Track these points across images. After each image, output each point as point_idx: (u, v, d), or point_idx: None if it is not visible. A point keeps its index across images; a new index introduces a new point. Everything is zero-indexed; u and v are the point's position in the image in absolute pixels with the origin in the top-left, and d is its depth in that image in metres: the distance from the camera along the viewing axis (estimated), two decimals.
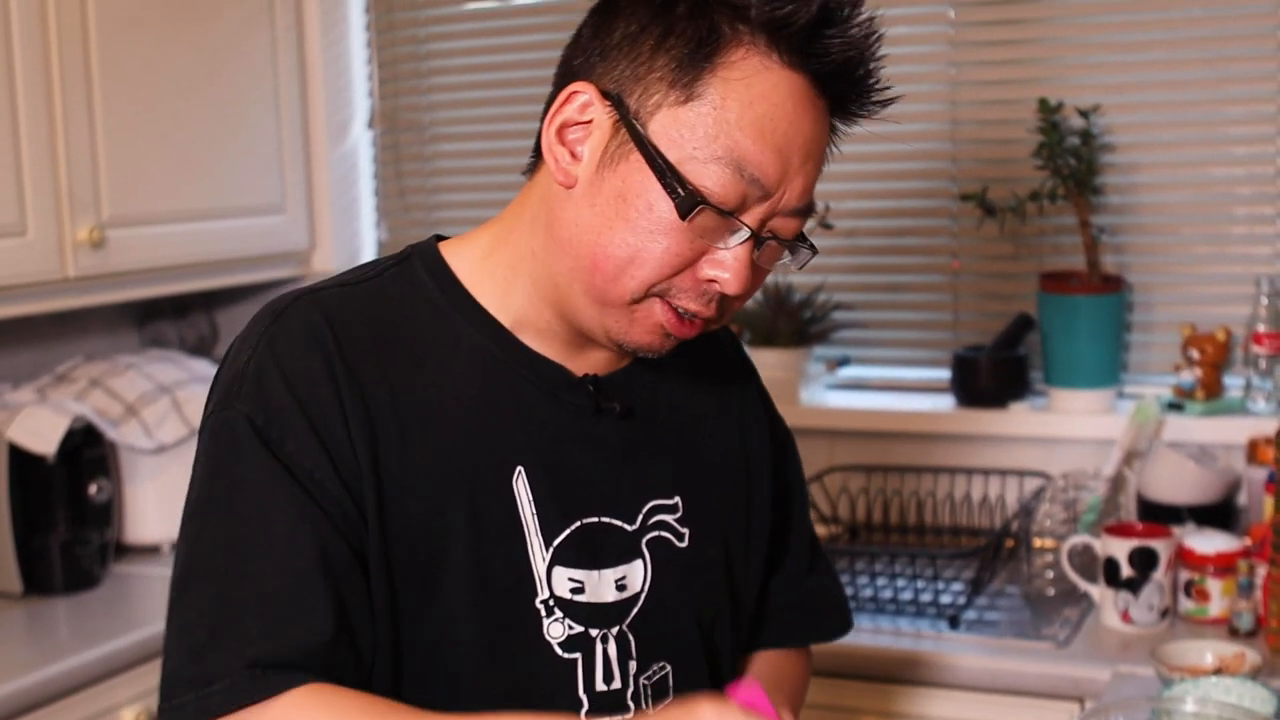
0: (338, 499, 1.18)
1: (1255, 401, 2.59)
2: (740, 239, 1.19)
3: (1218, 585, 2.22)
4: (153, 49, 2.71)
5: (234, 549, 1.16)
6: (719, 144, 1.16)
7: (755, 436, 1.47)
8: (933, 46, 2.84)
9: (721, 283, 1.20)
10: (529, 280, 1.26)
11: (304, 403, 1.18)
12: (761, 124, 1.16)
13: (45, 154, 2.48)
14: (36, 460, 2.51)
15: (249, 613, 1.14)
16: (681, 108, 1.16)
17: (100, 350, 3.05)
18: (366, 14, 3.31)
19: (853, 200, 2.90)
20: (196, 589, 1.17)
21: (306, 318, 1.22)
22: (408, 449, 1.21)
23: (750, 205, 1.19)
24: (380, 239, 3.36)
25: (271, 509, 1.16)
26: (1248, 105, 2.64)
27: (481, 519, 1.23)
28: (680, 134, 1.16)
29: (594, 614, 1.28)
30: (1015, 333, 2.78)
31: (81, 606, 2.49)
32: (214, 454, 1.20)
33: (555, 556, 1.26)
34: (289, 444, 1.17)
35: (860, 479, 2.80)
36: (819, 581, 1.58)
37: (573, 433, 1.29)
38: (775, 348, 2.86)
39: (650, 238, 1.18)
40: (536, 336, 1.28)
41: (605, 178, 1.19)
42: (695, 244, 1.19)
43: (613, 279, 1.20)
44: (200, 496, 1.20)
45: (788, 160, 1.18)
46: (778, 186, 1.19)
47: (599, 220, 1.19)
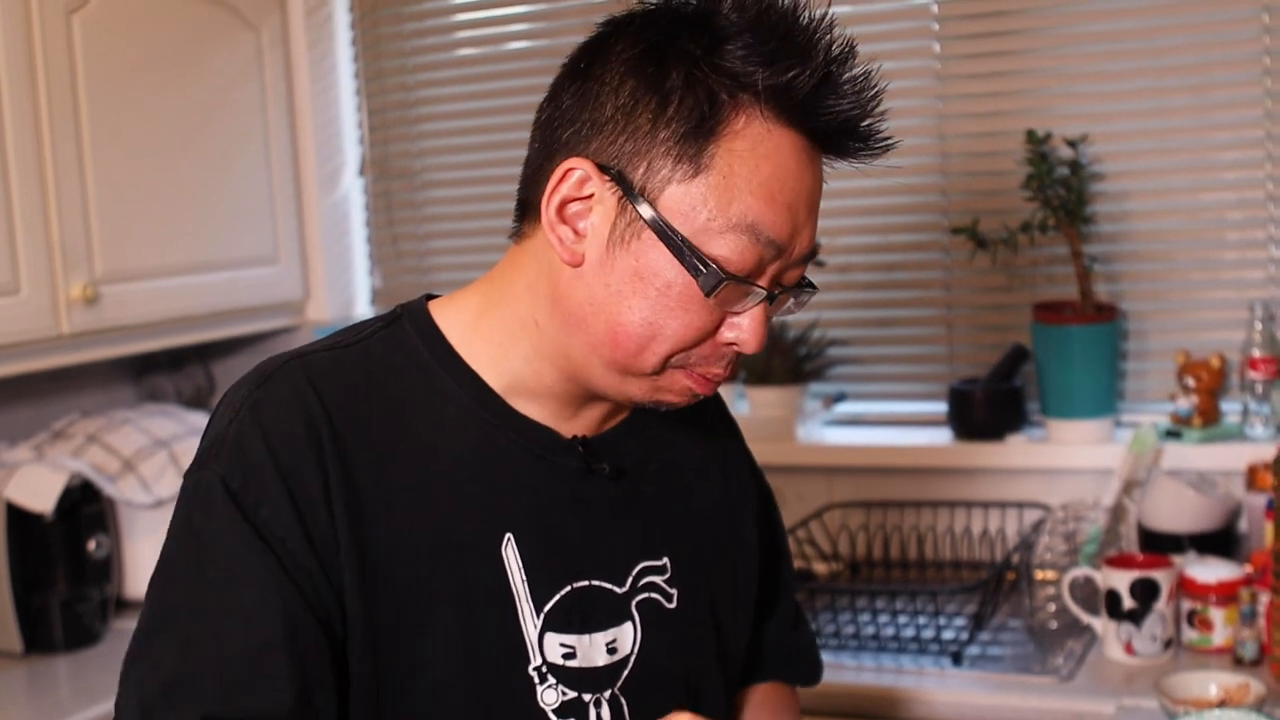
0: (309, 571, 1.16)
1: (1253, 427, 2.59)
2: (756, 300, 1.19)
3: (1220, 614, 2.21)
4: (142, 103, 2.72)
5: (199, 610, 1.14)
6: (732, 212, 1.15)
7: (740, 492, 1.46)
8: (920, 81, 2.85)
9: (742, 344, 1.20)
10: (530, 348, 1.25)
11: (284, 470, 1.16)
12: (770, 186, 1.16)
13: (37, 211, 2.49)
14: (35, 518, 2.51)
15: (207, 675, 1.12)
16: (691, 181, 1.15)
17: (97, 406, 3.05)
18: (355, 62, 3.32)
19: (845, 236, 2.91)
20: (157, 645, 1.14)
21: (294, 383, 1.21)
22: (394, 517, 1.20)
23: (765, 266, 1.18)
24: (374, 286, 3.37)
25: (240, 574, 1.15)
26: (1235, 131, 2.65)
27: (470, 587, 1.22)
28: (692, 207, 1.15)
29: (586, 679, 1.27)
30: (1010, 364, 2.77)
31: (83, 664, 2.49)
32: (185, 513, 1.19)
33: (546, 622, 1.25)
34: (263, 510, 1.16)
35: (859, 515, 2.80)
36: (802, 635, 1.60)
37: (562, 496, 1.28)
38: (771, 385, 2.86)
39: (670, 314, 1.17)
40: (529, 399, 1.27)
41: (617, 256, 1.17)
42: (715, 315, 1.18)
43: (635, 355, 1.19)
44: (169, 554, 1.18)
45: (796, 216, 1.18)
46: (790, 243, 1.19)
47: (615, 299, 1.18)
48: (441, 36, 3.26)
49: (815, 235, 1.22)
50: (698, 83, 1.15)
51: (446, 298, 1.32)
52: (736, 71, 1.14)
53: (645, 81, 1.16)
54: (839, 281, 2.92)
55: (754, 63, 1.14)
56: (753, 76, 1.14)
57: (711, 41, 1.15)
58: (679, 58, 1.16)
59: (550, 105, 1.23)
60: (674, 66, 1.16)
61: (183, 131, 2.82)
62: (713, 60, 1.15)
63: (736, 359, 1.24)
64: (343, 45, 3.31)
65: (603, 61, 1.19)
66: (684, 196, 1.15)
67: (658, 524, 1.35)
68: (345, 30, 3.31)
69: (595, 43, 1.22)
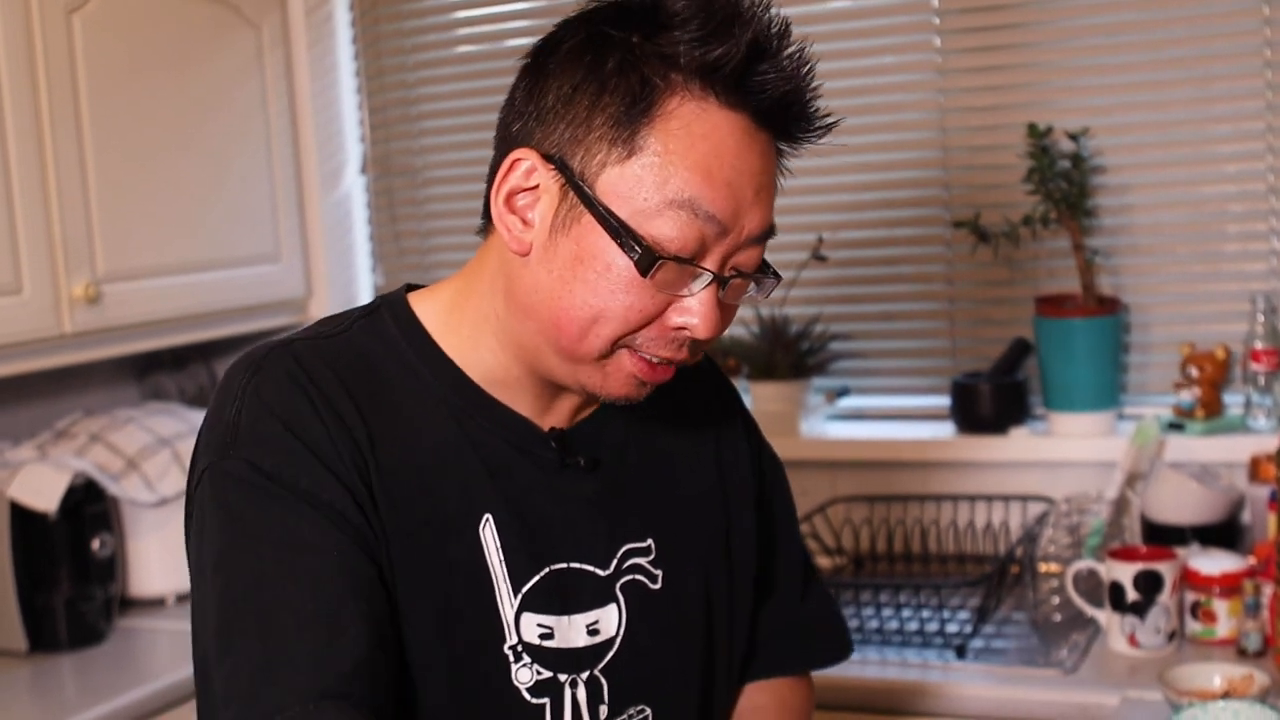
0: (358, 525, 1.19)
1: (1256, 419, 2.59)
2: (704, 283, 1.19)
3: (1224, 606, 2.21)
4: (142, 102, 2.72)
5: (266, 589, 1.15)
6: (669, 189, 1.16)
7: (734, 467, 1.46)
8: (921, 75, 2.85)
9: (692, 329, 1.20)
10: (494, 340, 1.27)
11: (306, 441, 1.19)
12: (707, 162, 1.16)
13: (39, 211, 2.49)
14: (38, 517, 2.51)
15: (292, 644, 1.13)
16: (625, 163, 1.16)
17: (100, 405, 3.05)
18: (356, 60, 3.32)
19: (846, 231, 2.90)
20: (238, 635, 1.15)
21: (285, 366, 1.23)
22: (387, 493, 1.22)
23: (710, 246, 1.19)
24: (376, 284, 3.37)
25: (296, 543, 1.16)
26: (1236, 123, 2.65)
27: (449, 566, 1.24)
28: (629, 189, 1.16)
29: (563, 659, 1.28)
30: (1013, 358, 2.78)
31: (87, 663, 2.49)
32: (223, 504, 1.19)
33: (524, 603, 1.26)
34: (303, 481, 1.18)
35: (863, 509, 2.80)
36: (813, 608, 1.57)
37: (540, 485, 1.29)
38: (774, 380, 2.86)
39: (611, 296, 1.18)
40: (503, 389, 1.29)
41: (559, 242, 1.19)
42: (658, 297, 1.19)
43: (578, 339, 1.20)
44: (221, 547, 1.18)
45: (740, 194, 1.18)
46: (735, 222, 1.18)
47: (558, 284, 1.19)
48: (442, 34, 3.26)
49: (769, 216, 1.22)
50: (631, 67, 1.17)
51: (424, 290, 1.34)
52: (667, 54, 1.16)
53: (584, 69, 1.18)
54: (841, 276, 2.92)
55: (685, 44, 1.16)
56: (682, 56, 1.16)
57: (651, 29, 1.17)
58: (616, 45, 1.18)
59: (506, 104, 1.26)
60: (611, 54, 1.18)
61: (183, 130, 2.83)
62: (647, 45, 1.17)
63: (690, 345, 1.23)
64: (343, 43, 3.31)
65: (548, 53, 1.22)
66: (620, 179, 1.17)
67: (641, 506, 1.36)
68: (346, 28, 3.31)
69: (546, 38, 1.25)
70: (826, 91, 1.23)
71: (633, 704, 1.32)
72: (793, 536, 1.57)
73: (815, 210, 2.90)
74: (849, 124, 1.28)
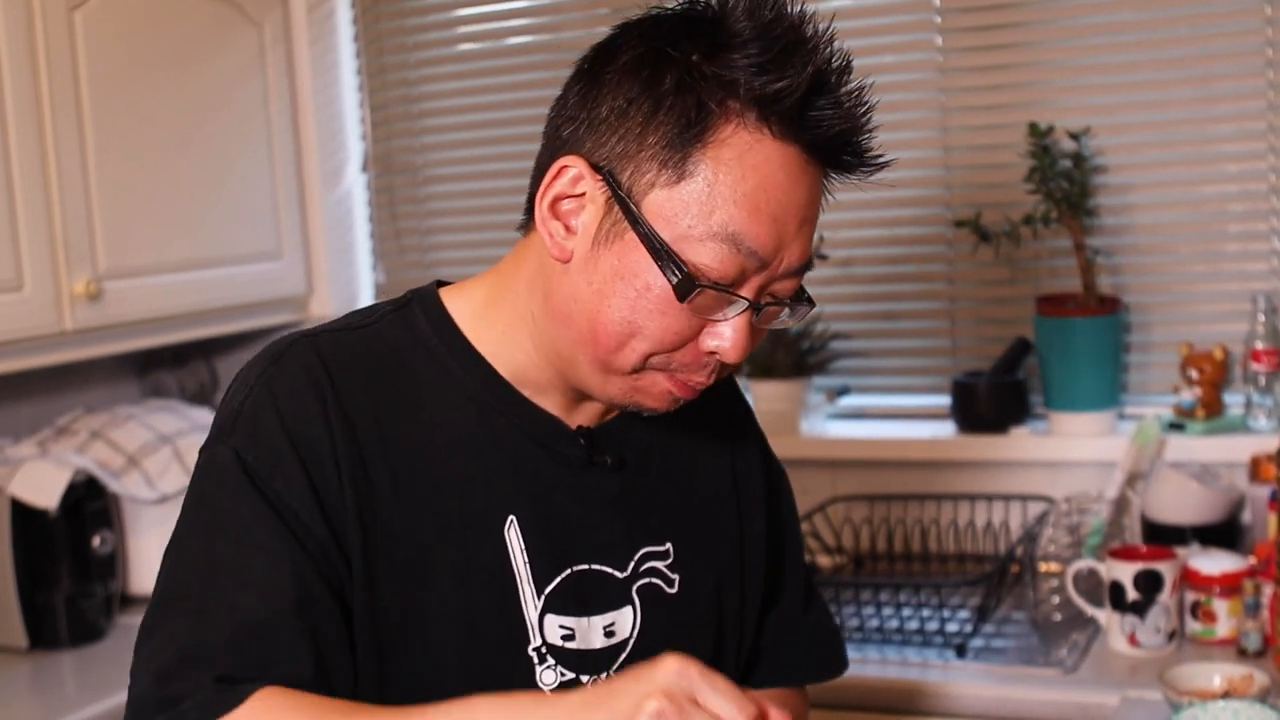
0: (321, 541, 1.18)
1: (1256, 419, 2.59)
2: (739, 310, 1.19)
3: (1224, 606, 2.21)
4: (144, 100, 2.72)
5: (212, 581, 1.15)
6: (714, 220, 1.15)
7: (748, 477, 1.47)
8: (922, 74, 2.85)
9: (722, 353, 1.20)
10: (528, 340, 1.27)
11: (297, 444, 1.18)
12: (755, 197, 1.15)
13: (40, 208, 2.49)
14: (39, 514, 2.51)
15: (221, 644, 1.12)
16: (675, 187, 1.15)
17: (100, 402, 3.05)
18: (357, 58, 3.32)
19: (848, 230, 2.90)
20: (171, 617, 1.15)
21: (305, 361, 1.22)
22: (399, 496, 1.22)
23: (749, 276, 1.18)
24: (377, 281, 3.37)
25: (253, 546, 1.16)
26: (1238, 123, 2.64)
27: (472, 567, 1.24)
28: (675, 213, 1.15)
29: (584, 660, 1.28)
30: (1013, 357, 2.77)
31: (87, 659, 2.49)
32: (200, 487, 1.20)
33: (547, 604, 1.26)
34: (277, 482, 1.17)
35: (863, 508, 2.80)
36: (814, 621, 1.58)
37: (565, 483, 1.29)
38: (774, 379, 2.86)
39: (649, 316, 1.18)
40: (533, 388, 1.29)
41: (601, 255, 1.18)
42: (694, 321, 1.19)
43: (613, 352, 1.20)
44: (182, 528, 1.20)
45: (784, 229, 1.17)
46: (775, 255, 1.18)
47: (596, 297, 1.19)
48: (443, 32, 3.26)
49: (809, 249, 1.22)
50: (689, 89, 1.15)
51: (456, 286, 1.34)
52: (727, 79, 1.15)
53: (641, 84, 1.17)
54: (842, 275, 2.92)
55: (747, 72, 1.14)
56: (741, 85, 1.14)
57: (712, 48, 1.16)
58: (676, 63, 1.16)
59: (558, 104, 1.24)
60: (670, 71, 1.16)
61: (185, 128, 2.82)
62: (708, 67, 1.15)
63: (719, 368, 1.24)
64: (345, 41, 3.31)
65: (606, 62, 1.20)
66: (667, 201, 1.16)
67: (660, 510, 1.36)
68: (347, 26, 3.31)
69: (604, 44, 1.23)
70: None
71: None
72: (797, 548, 1.57)
73: None
74: None
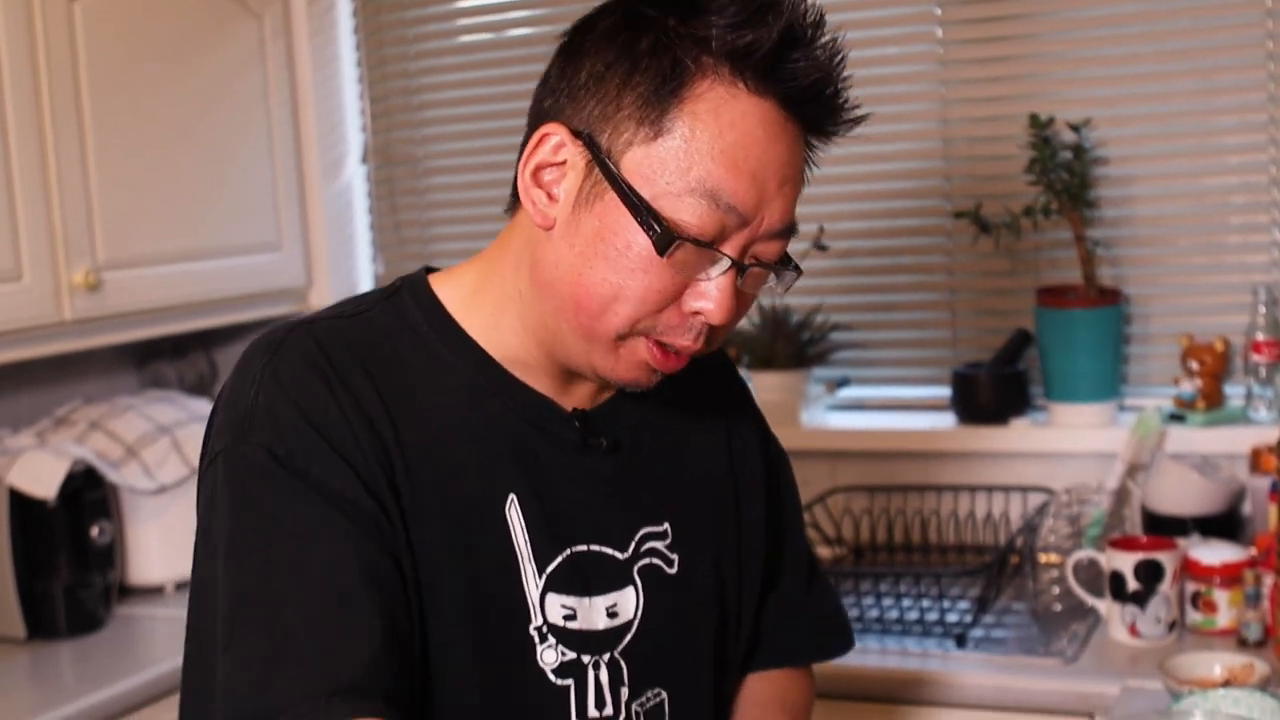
0: (371, 513, 1.18)
1: (1256, 410, 2.58)
2: (722, 269, 1.19)
3: (1225, 596, 2.21)
4: (144, 91, 2.72)
5: (277, 579, 1.15)
6: (692, 176, 1.16)
7: (746, 457, 1.47)
8: (922, 65, 2.84)
9: (706, 314, 1.20)
10: (516, 320, 1.27)
11: (320, 428, 1.18)
12: (733, 152, 1.16)
13: (39, 198, 2.49)
14: (37, 504, 2.51)
15: (302, 638, 1.13)
16: (652, 144, 1.17)
17: (99, 392, 3.05)
18: (357, 50, 3.32)
19: (847, 221, 2.90)
20: (247, 624, 1.15)
21: (304, 348, 1.22)
22: (410, 474, 1.22)
23: (730, 234, 1.18)
24: (377, 273, 3.37)
25: (307, 534, 1.16)
26: (1239, 114, 2.64)
27: (474, 547, 1.24)
28: (653, 170, 1.16)
29: (586, 641, 1.28)
30: (1014, 348, 2.77)
31: (86, 650, 2.49)
32: (239, 489, 1.19)
33: (548, 584, 1.26)
34: (315, 468, 1.17)
35: (863, 499, 2.80)
36: (817, 600, 1.58)
37: (561, 465, 1.29)
38: (774, 370, 2.85)
39: (631, 275, 1.18)
40: (525, 371, 1.29)
41: (582, 218, 1.19)
42: (677, 278, 1.19)
43: (597, 316, 1.20)
44: (234, 535, 1.18)
45: (763, 186, 1.18)
46: (755, 213, 1.18)
47: (579, 260, 1.19)
48: (444, 23, 3.26)
49: (791, 209, 1.22)
50: (664, 48, 1.17)
51: (445, 272, 1.34)
52: (701, 36, 1.16)
53: (617, 48, 1.18)
54: (842, 266, 2.92)
55: (720, 27, 1.15)
56: (714, 39, 1.15)
57: (689, 10, 1.17)
58: (652, 25, 1.18)
59: (541, 81, 1.26)
60: (646, 33, 1.17)
61: (185, 119, 2.82)
62: (684, 28, 1.16)
63: (705, 333, 1.23)
64: (345, 33, 3.31)
65: (586, 32, 1.22)
66: (645, 159, 1.17)
67: (657, 490, 1.36)
68: (347, 18, 3.31)
69: (584, 17, 1.24)
70: None
71: (650, 687, 1.32)
72: (798, 529, 1.58)
73: (816, 200, 2.89)
74: None
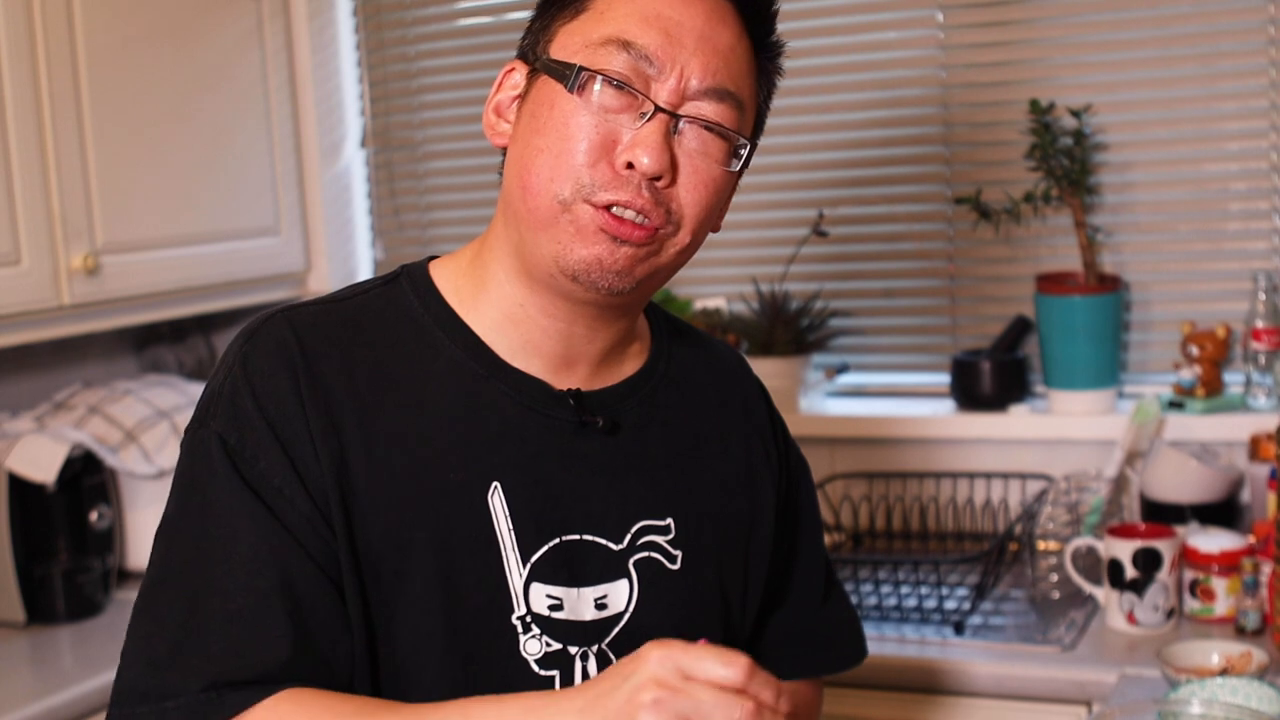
0: (307, 515, 1.19)
1: (1256, 398, 2.58)
2: (648, 115, 1.21)
3: (1223, 584, 2.21)
4: (142, 74, 2.71)
5: (201, 566, 1.18)
6: (605, 28, 1.22)
7: (762, 465, 1.45)
8: (923, 50, 2.84)
9: (639, 164, 1.20)
10: (501, 271, 1.29)
11: (273, 421, 1.20)
12: (644, 11, 1.22)
13: (38, 182, 2.48)
14: (37, 489, 2.51)
15: (211, 630, 1.15)
16: (572, 21, 1.24)
17: (98, 377, 3.05)
18: (356, 33, 3.31)
19: (847, 207, 2.89)
20: (162, 602, 1.18)
21: (278, 335, 1.24)
22: (374, 465, 1.22)
23: (651, 85, 1.21)
24: (376, 258, 3.36)
25: (238, 528, 1.18)
26: (1240, 100, 2.64)
27: (452, 535, 1.23)
28: (572, 40, 1.24)
29: (572, 631, 1.28)
30: (1013, 335, 2.77)
31: (85, 634, 2.49)
32: (188, 472, 1.22)
33: (533, 573, 1.26)
34: (260, 461, 1.19)
35: (862, 486, 2.80)
36: (832, 613, 1.57)
37: (555, 449, 1.29)
38: (773, 356, 2.85)
39: (558, 132, 1.21)
40: (520, 351, 1.29)
41: (523, 113, 1.25)
42: (603, 125, 1.21)
43: (540, 193, 1.22)
44: (173, 512, 1.22)
45: (676, 39, 1.22)
46: (671, 63, 1.21)
47: (523, 150, 1.24)
48: (443, 6, 3.25)
49: (718, 71, 1.23)
50: None
51: (447, 256, 1.36)
52: None
53: None
54: (841, 252, 2.91)
55: None
56: None
57: None
58: None
59: None
60: None
61: (183, 103, 2.81)
62: None
63: (650, 191, 1.21)
64: (344, 15, 3.30)
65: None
66: (567, 35, 1.24)
67: (662, 483, 1.35)
68: (346, 1, 3.30)
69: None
70: (829, 66, 1.23)
71: None
72: (816, 541, 1.56)
73: (816, 185, 2.89)
74: (850, 99, 1.29)
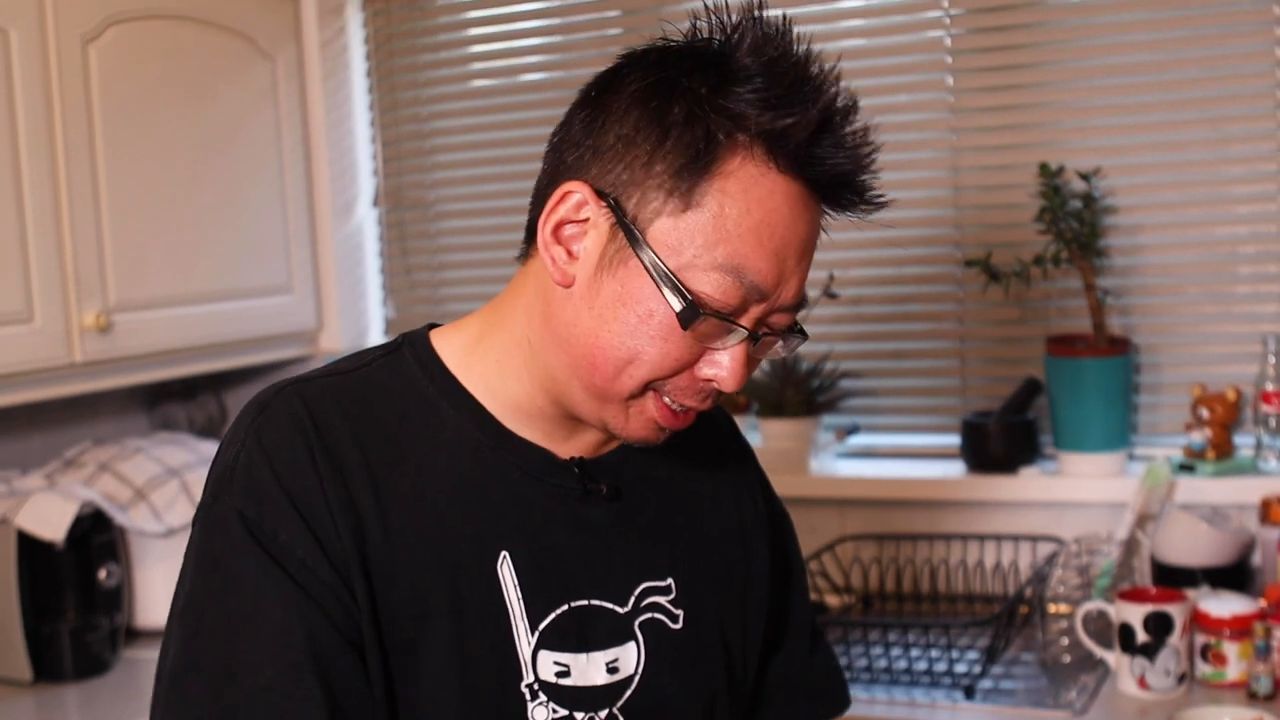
0: (331, 585, 1.18)
1: (1267, 461, 2.58)
2: (738, 339, 1.20)
3: (1234, 648, 2.20)
4: (157, 132, 2.73)
5: (228, 644, 1.16)
6: (719, 251, 1.16)
7: (752, 517, 1.46)
8: (933, 114, 2.85)
9: (720, 381, 1.21)
10: (522, 368, 1.27)
11: (292, 493, 1.19)
12: (759, 230, 1.16)
13: (51, 240, 2.50)
14: (45, 547, 2.51)
15: (244, 705, 1.14)
16: (680, 216, 1.16)
17: (109, 434, 3.06)
18: (370, 93, 3.34)
19: (858, 268, 2.91)
20: (192, 683, 1.17)
21: (291, 409, 1.23)
22: (390, 538, 1.22)
23: (748, 307, 1.19)
24: (387, 317, 3.37)
25: (263, 603, 1.17)
26: (1249, 164, 2.64)
27: (464, 605, 1.23)
28: (679, 242, 1.16)
29: (580, 697, 1.27)
30: (1023, 397, 2.77)
31: (92, 693, 2.48)
32: (207, 548, 1.21)
33: (541, 640, 1.26)
34: (281, 535, 1.18)
35: (872, 548, 2.79)
36: (820, 662, 1.58)
37: (560, 516, 1.29)
38: (784, 418, 2.85)
39: (649, 342, 1.18)
40: (525, 422, 1.29)
41: (604, 280, 1.19)
42: (694, 348, 1.19)
43: (611, 379, 1.20)
44: (194, 591, 1.20)
45: (784, 262, 1.18)
46: (775, 289, 1.19)
47: (597, 321, 1.19)
48: (456, 68, 3.27)
49: (804, 282, 1.23)
50: (698, 120, 1.16)
51: (449, 325, 1.34)
52: (736, 113, 1.15)
53: (649, 113, 1.17)
54: (852, 314, 2.92)
55: (755, 106, 1.15)
56: (751, 119, 1.15)
57: (720, 82, 1.16)
58: (685, 94, 1.17)
59: (561, 129, 1.25)
60: (678, 102, 1.17)
61: (197, 161, 2.84)
62: (716, 100, 1.16)
63: (714, 396, 1.24)
64: (358, 76, 3.32)
65: (613, 91, 1.21)
66: (673, 230, 1.17)
67: (661, 544, 1.35)
68: (360, 61, 3.33)
69: (610, 73, 1.24)
70: None
71: None
72: (803, 590, 1.57)
73: (826, 247, 2.85)
74: None
